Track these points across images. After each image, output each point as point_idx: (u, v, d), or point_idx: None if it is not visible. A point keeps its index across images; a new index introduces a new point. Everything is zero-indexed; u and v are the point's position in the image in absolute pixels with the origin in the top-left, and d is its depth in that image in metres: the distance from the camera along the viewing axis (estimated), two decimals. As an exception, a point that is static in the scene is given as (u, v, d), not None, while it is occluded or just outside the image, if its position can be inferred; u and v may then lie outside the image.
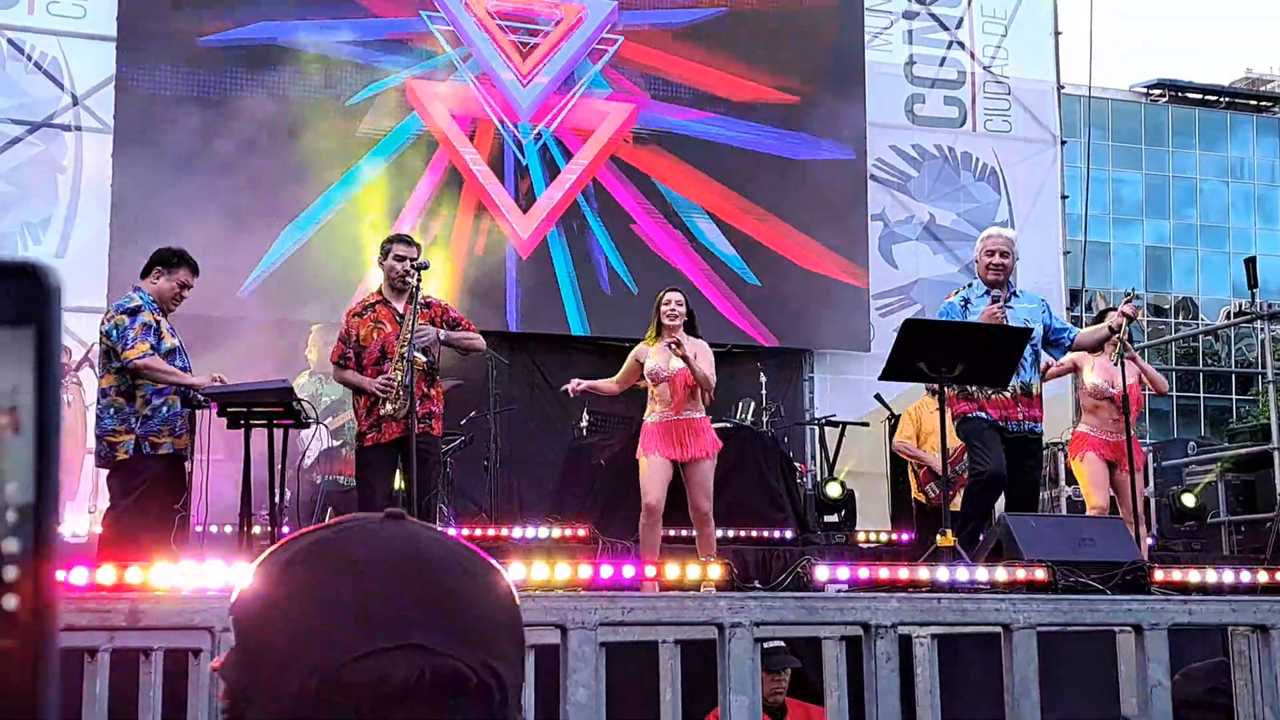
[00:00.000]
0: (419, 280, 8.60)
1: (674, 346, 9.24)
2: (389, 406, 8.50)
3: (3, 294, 0.68)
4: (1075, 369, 10.74)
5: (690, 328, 9.55)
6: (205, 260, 9.20)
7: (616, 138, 16.26)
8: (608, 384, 9.87)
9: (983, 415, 9.18)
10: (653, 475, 9.32)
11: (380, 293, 8.92)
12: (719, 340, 16.15)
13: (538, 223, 15.80)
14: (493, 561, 1.32)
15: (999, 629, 5.15)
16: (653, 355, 9.44)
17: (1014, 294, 9.37)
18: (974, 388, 9.19)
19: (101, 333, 8.47)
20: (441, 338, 8.74)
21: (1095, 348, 9.78)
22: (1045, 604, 5.33)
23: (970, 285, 9.50)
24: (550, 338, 15.55)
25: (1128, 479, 10.24)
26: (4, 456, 0.67)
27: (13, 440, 0.67)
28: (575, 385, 9.85)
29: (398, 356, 8.56)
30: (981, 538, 8.72)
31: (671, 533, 11.91)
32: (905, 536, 12.81)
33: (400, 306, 8.74)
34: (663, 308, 9.49)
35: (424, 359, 8.55)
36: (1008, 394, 9.10)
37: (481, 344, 9.33)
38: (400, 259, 8.78)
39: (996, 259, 9.26)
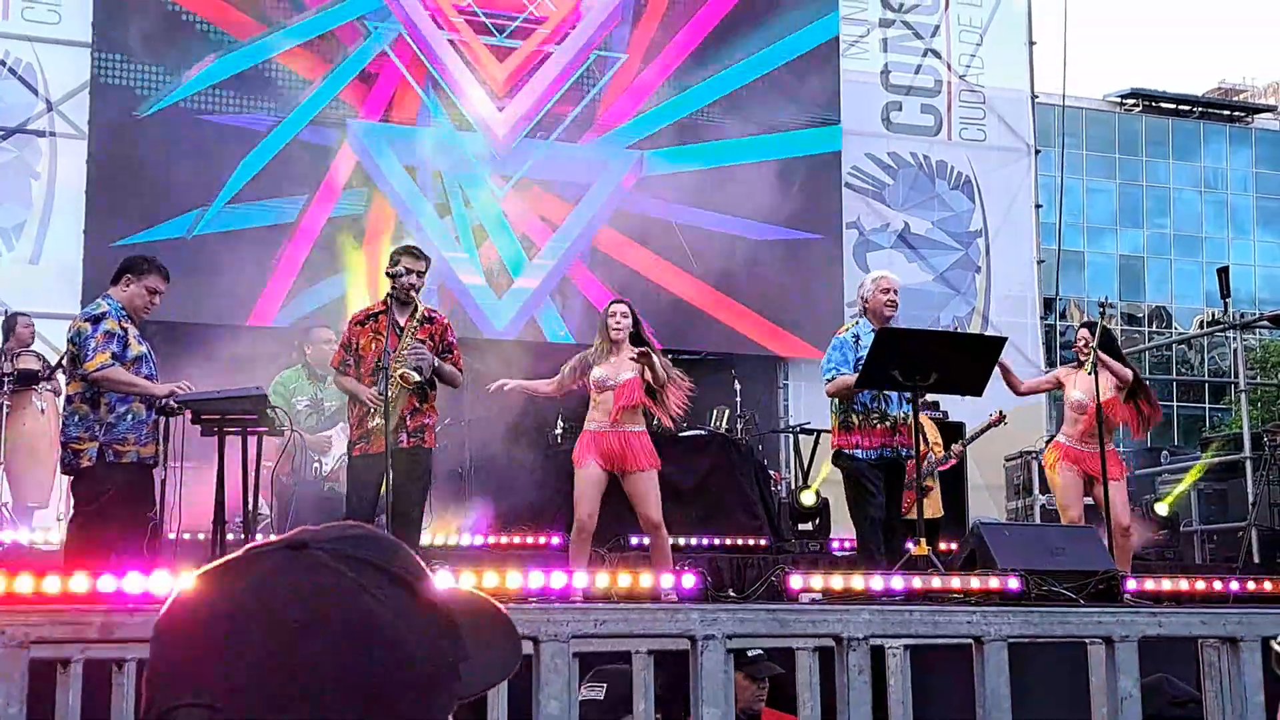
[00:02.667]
0: (415, 289, 8.66)
1: (638, 356, 9.22)
2: (378, 419, 8.50)
3: None
4: (1059, 384, 10.94)
5: (637, 338, 9.50)
6: (175, 268, 9.19)
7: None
8: (543, 385, 9.68)
9: (858, 454, 9.32)
10: (586, 489, 9.21)
11: (385, 302, 8.91)
12: (693, 348, 16.21)
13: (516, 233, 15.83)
14: (371, 611, 1.26)
15: (966, 641, 5.17)
16: (601, 364, 9.36)
17: None
18: (857, 417, 9.35)
19: (67, 340, 8.44)
20: (435, 365, 8.73)
21: None
22: (1016, 616, 5.36)
23: (858, 323, 9.69)
24: (526, 345, 15.51)
25: (1110, 496, 10.30)
26: None
27: None
28: (502, 384, 9.62)
29: (380, 370, 8.55)
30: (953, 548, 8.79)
31: (646, 541, 11.94)
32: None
33: (402, 319, 8.77)
34: (608, 320, 9.45)
35: (416, 378, 8.55)
36: (888, 424, 9.26)
37: (459, 382, 9.27)
38: (408, 271, 8.78)
39: (891, 295, 9.67)
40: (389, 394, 8.42)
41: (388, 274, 8.90)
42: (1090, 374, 10.21)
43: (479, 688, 1.34)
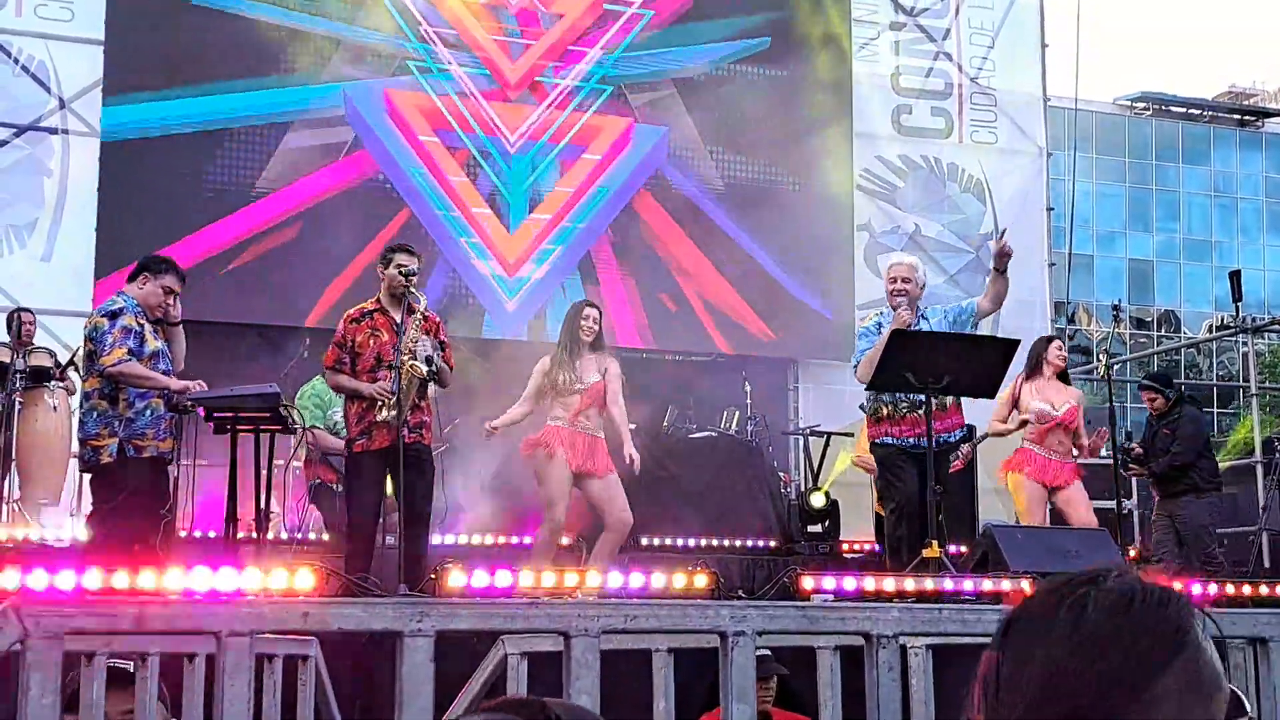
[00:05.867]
0: (409, 285, 8.63)
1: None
2: (385, 413, 8.48)
3: None
4: (1014, 402, 10.81)
5: (598, 343, 9.64)
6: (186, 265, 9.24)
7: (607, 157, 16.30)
8: (517, 411, 9.80)
9: (890, 440, 9.27)
10: (561, 487, 9.36)
11: (379, 300, 8.89)
12: (703, 349, 16.21)
13: (525, 241, 15.81)
14: None
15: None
16: (560, 368, 9.51)
17: (922, 316, 9.42)
18: (887, 408, 9.31)
19: (84, 335, 8.48)
20: (436, 361, 8.70)
21: (999, 298, 9.78)
22: (1046, 615, 5.32)
23: (882, 313, 9.67)
24: (536, 346, 15.49)
25: (1071, 497, 10.33)
26: None
27: None
28: (489, 428, 9.88)
29: (388, 367, 8.54)
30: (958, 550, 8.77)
31: (656, 541, 11.96)
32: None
33: (398, 316, 8.71)
34: (582, 322, 9.53)
35: (425, 369, 8.53)
36: (919, 413, 9.20)
37: (449, 380, 9.24)
38: (400, 268, 8.76)
39: (899, 284, 9.48)
40: (399, 388, 8.42)
41: (382, 272, 8.89)
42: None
43: None
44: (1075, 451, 10.70)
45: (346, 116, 15.33)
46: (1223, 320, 46.65)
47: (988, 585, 7.15)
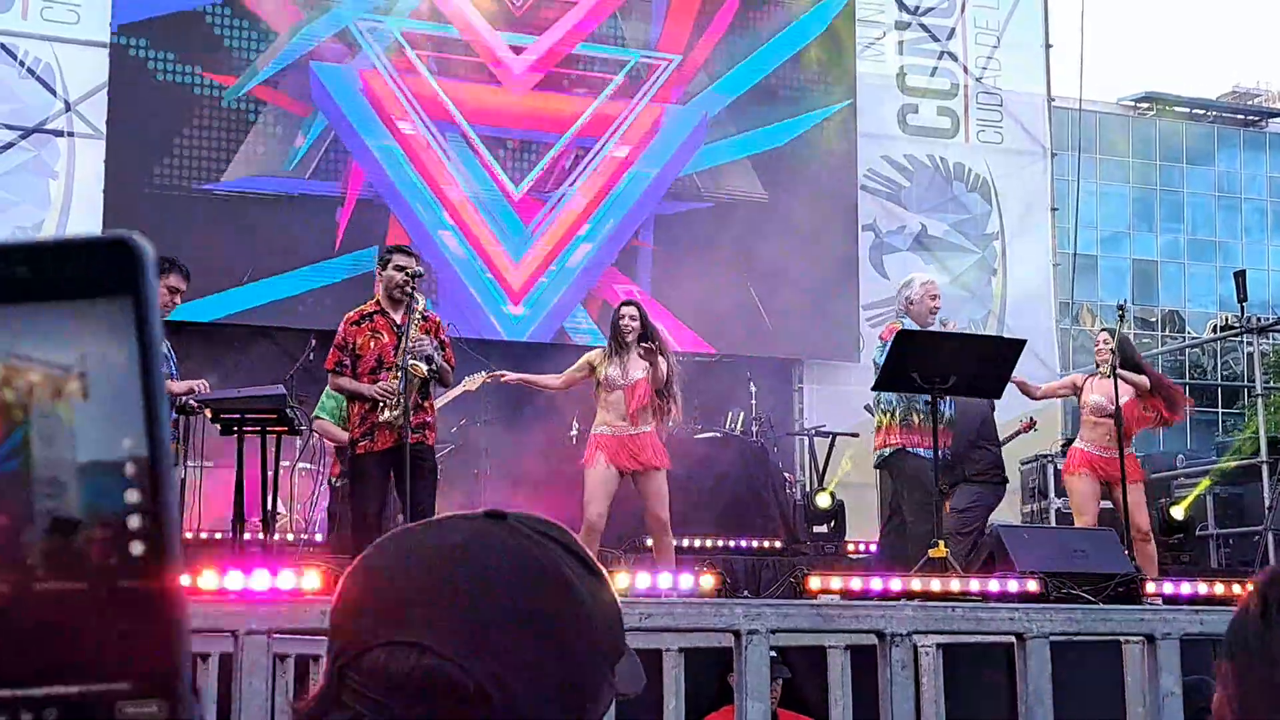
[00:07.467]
0: (413, 287, 8.63)
1: (644, 352, 9.32)
2: (387, 413, 8.48)
3: (97, 266, 0.69)
4: (1075, 389, 10.86)
5: (645, 337, 9.57)
6: (196, 267, 9.23)
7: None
8: (549, 379, 10.10)
9: (922, 452, 9.27)
10: (597, 489, 9.31)
11: (378, 302, 8.89)
12: (707, 350, 16.19)
13: (539, 253, 15.83)
14: (569, 581, 1.34)
15: (1005, 638, 5.16)
16: (609, 364, 9.48)
17: None
18: (918, 418, 9.30)
19: (89, 338, 8.50)
20: (436, 360, 8.70)
21: None
22: (1059, 614, 5.34)
23: (902, 324, 9.65)
24: (543, 346, 15.51)
25: (1131, 497, 10.26)
26: (74, 421, 0.69)
27: (83, 406, 0.69)
28: (507, 376, 10.21)
29: (394, 368, 8.55)
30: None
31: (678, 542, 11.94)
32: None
33: (398, 317, 8.72)
34: (618, 321, 9.52)
35: (425, 369, 8.54)
36: (942, 424, 9.21)
37: (450, 380, 9.35)
38: (399, 269, 8.76)
39: (938, 302, 9.76)
40: (399, 389, 8.43)
41: (380, 274, 8.90)
42: (1108, 377, 10.17)
43: (619, 690, 1.42)
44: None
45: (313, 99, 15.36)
46: (1227, 320, 46.50)
47: (994, 585, 7.15)
